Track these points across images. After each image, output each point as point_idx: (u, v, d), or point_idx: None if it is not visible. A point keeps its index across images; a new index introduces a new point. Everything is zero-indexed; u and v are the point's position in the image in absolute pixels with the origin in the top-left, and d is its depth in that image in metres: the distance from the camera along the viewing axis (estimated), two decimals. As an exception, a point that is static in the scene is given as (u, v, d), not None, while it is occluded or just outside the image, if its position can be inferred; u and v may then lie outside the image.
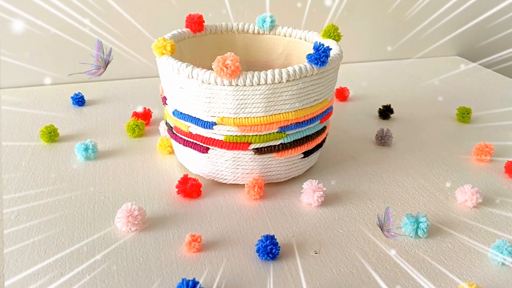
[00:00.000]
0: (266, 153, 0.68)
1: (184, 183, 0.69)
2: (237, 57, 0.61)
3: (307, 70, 0.64)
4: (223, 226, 0.64)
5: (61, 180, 0.72)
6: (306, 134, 0.70)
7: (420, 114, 0.97)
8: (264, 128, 0.66)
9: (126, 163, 0.77)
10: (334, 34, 0.77)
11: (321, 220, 0.65)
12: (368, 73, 1.20)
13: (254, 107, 0.64)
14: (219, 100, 0.64)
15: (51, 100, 0.98)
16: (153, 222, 0.64)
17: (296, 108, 0.66)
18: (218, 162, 0.69)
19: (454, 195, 0.71)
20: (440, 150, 0.83)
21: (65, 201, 0.67)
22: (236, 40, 0.85)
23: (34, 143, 0.82)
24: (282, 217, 0.66)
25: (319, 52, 0.64)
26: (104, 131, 0.87)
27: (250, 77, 0.62)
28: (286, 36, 0.83)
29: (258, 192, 0.68)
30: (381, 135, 0.85)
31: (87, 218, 0.64)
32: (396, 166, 0.79)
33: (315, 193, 0.67)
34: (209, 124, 0.66)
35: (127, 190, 0.70)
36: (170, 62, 0.66)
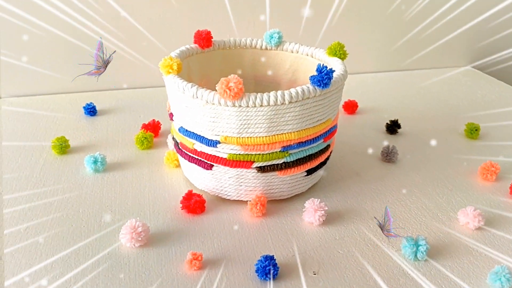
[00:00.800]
0: (269, 171, 0.69)
1: (188, 199, 0.70)
2: (240, 79, 0.63)
3: (309, 91, 0.65)
4: (225, 243, 0.65)
5: (70, 191, 0.74)
6: (309, 153, 0.70)
7: (427, 129, 0.97)
8: (267, 148, 0.67)
9: (133, 176, 0.79)
10: (340, 52, 0.77)
11: (322, 240, 0.66)
12: (377, 84, 1.20)
13: (257, 127, 0.65)
14: (223, 120, 0.65)
15: (64, 109, 1.01)
16: (156, 238, 0.65)
17: (298, 128, 0.67)
18: (222, 179, 0.71)
19: (456, 216, 0.71)
20: (446, 168, 0.83)
21: (73, 214, 0.69)
22: (244, 55, 0.86)
23: (46, 154, 0.84)
24: (283, 236, 0.67)
25: (322, 74, 0.64)
26: (114, 142, 0.89)
27: (253, 98, 0.63)
28: (293, 52, 0.84)
29: (260, 209, 0.69)
30: (386, 151, 0.85)
31: (93, 232, 0.66)
32: (400, 184, 0.79)
33: (316, 212, 0.68)
34: (213, 143, 0.68)
35: (133, 204, 0.72)
36: (176, 81, 0.67)
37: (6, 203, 0.71)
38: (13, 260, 0.61)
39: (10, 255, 0.61)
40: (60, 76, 1.07)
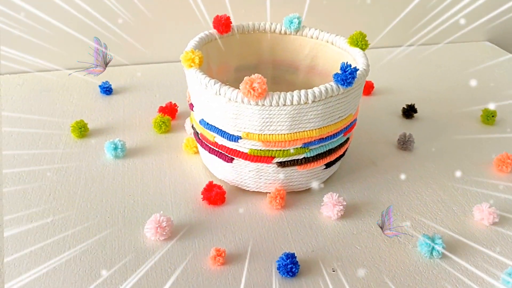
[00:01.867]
0: (289, 166, 0.70)
1: (209, 191, 0.72)
2: (264, 79, 0.62)
3: (333, 90, 0.65)
4: (246, 237, 0.67)
5: (93, 180, 0.76)
6: (329, 147, 0.71)
7: (444, 113, 0.97)
8: (288, 144, 0.67)
9: (153, 163, 0.80)
10: (362, 43, 0.76)
11: (340, 235, 0.68)
12: (393, 61, 1.18)
13: (279, 125, 0.66)
14: (245, 117, 0.65)
15: (80, 87, 1.00)
16: (180, 230, 0.67)
17: (320, 125, 0.67)
18: (242, 172, 0.72)
19: (471, 212, 0.72)
20: (462, 158, 0.84)
21: (97, 205, 0.71)
22: (263, 39, 0.85)
23: (66, 138, 0.85)
24: (303, 230, 0.69)
25: (346, 73, 0.64)
26: (132, 125, 0.90)
27: (277, 98, 0.63)
28: (313, 38, 0.83)
29: (280, 202, 0.71)
30: (403, 140, 0.85)
31: (118, 223, 0.68)
32: (416, 175, 0.80)
33: (335, 207, 0.69)
34: (235, 138, 0.68)
35: (154, 194, 0.74)
36: (199, 76, 0.67)
37: (31, 192, 0.72)
38: (43, 253, 0.63)
39: (40, 249, 0.63)
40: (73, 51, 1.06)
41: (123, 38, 1.07)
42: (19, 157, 0.79)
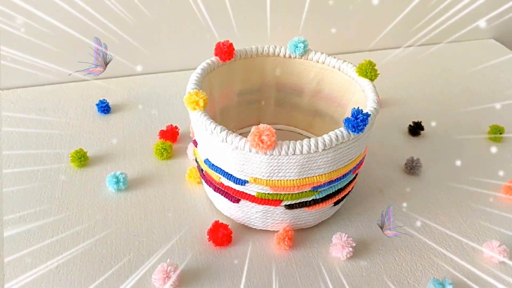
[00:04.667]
0: (298, 208, 0.69)
1: (216, 231, 0.70)
2: (273, 130, 0.60)
3: (343, 137, 0.62)
4: (254, 282, 0.66)
5: (95, 219, 0.74)
6: (338, 187, 0.69)
7: (450, 127, 0.95)
8: (296, 189, 0.66)
9: (156, 195, 0.78)
10: (371, 73, 0.73)
11: (349, 278, 0.67)
12: (396, 64, 1.15)
13: (288, 172, 0.64)
14: (253, 164, 0.63)
15: (76, 106, 0.97)
16: (187, 275, 0.66)
17: (330, 170, 0.65)
18: (249, 212, 0.70)
19: (481, 248, 0.72)
20: (470, 183, 0.83)
21: (101, 245, 0.69)
22: (266, 63, 0.82)
23: (65, 167, 0.83)
24: (312, 273, 0.68)
25: (358, 121, 0.62)
26: (132, 151, 0.87)
27: (286, 148, 0.61)
28: (318, 62, 0.80)
29: (288, 244, 0.70)
30: (410, 165, 0.84)
31: (124, 271, 0.67)
32: (424, 204, 0.79)
33: (344, 250, 0.68)
34: (242, 182, 0.66)
35: (159, 234, 0.72)
36: (204, 121, 0.64)
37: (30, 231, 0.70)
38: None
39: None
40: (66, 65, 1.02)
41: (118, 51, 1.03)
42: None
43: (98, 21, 0.97)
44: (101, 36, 0.96)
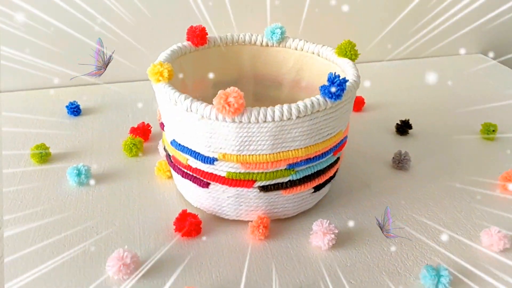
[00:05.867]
0: (273, 190, 0.62)
1: (183, 221, 0.63)
2: (241, 93, 0.55)
3: (319, 104, 0.57)
4: (224, 274, 0.58)
5: (52, 211, 0.67)
6: (317, 169, 0.63)
7: (440, 128, 0.90)
8: (270, 166, 0.60)
9: (121, 189, 0.72)
10: (351, 52, 0.69)
11: (332, 268, 0.60)
12: (384, 75, 1.12)
13: (260, 145, 0.58)
14: (221, 136, 0.58)
15: (45, 109, 0.92)
16: (148, 267, 0.59)
17: (306, 144, 0.59)
18: (220, 198, 0.64)
19: (478, 236, 0.65)
20: (463, 176, 0.77)
21: (55, 241, 0.62)
22: (243, 52, 0.78)
23: (25, 163, 0.76)
24: (289, 263, 0.60)
25: (334, 85, 0.56)
26: (100, 148, 0.81)
27: (256, 114, 0.55)
28: (297, 49, 0.76)
29: (263, 232, 0.62)
30: (398, 158, 0.78)
31: (78, 262, 0.59)
32: (414, 197, 0.72)
33: (325, 236, 0.61)
34: (210, 160, 0.60)
35: (121, 225, 0.65)
36: (168, 91, 0.59)
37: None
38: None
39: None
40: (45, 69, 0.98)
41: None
42: None
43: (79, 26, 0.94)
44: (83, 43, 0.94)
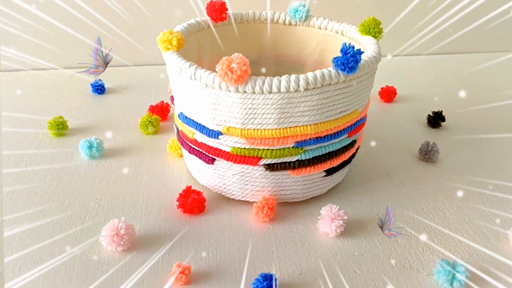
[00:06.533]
0: (280, 170, 0.58)
1: (186, 197, 0.61)
2: (246, 59, 0.52)
3: (331, 77, 0.53)
4: (222, 253, 0.55)
5: (59, 180, 0.66)
6: (329, 150, 0.59)
7: (476, 123, 0.83)
8: (276, 142, 0.56)
9: (132, 164, 0.70)
10: (375, 30, 0.65)
11: (338, 255, 0.55)
12: (421, 69, 1.05)
13: (265, 118, 0.54)
14: (225, 107, 0.55)
15: (72, 86, 0.93)
16: (144, 241, 0.57)
17: (316, 121, 0.55)
18: (225, 176, 0.61)
19: (506, 235, 0.58)
20: (496, 172, 0.70)
21: (57, 207, 0.61)
22: (264, 31, 0.75)
23: (42, 135, 0.77)
24: (292, 248, 0.56)
25: (347, 56, 0.52)
26: (118, 124, 0.80)
27: (260, 83, 0.52)
28: (321, 28, 0.72)
29: (267, 214, 0.59)
30: (425, 149, 0.72)
31: (74, 229, 0.58)
32: (440, 189, 0.67)
33: (333, 222, 0.57)
34: (215, 134, 0.57)
35: (125, 198, 0.63)
36: (174, 59, 0.57)
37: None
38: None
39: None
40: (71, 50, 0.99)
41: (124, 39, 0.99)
42: None
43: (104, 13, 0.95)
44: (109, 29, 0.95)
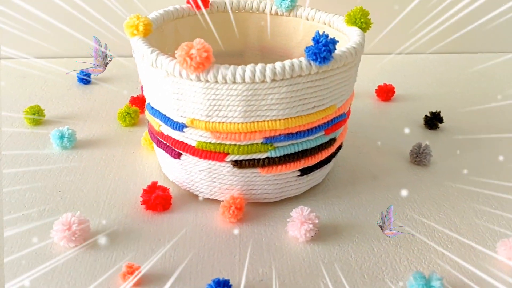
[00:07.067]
0: (248, 167, 0.54)
1: (150, 193, 0.57)
2: (208, 46, 0.48)
3: (301, 68, 0.49)
4: (180, 255, 0.51)
5: (23, 173, 0.63)
6: (302, 148, 0.55)
7: (475, 126, 0.77)
8: (243, 137, 0.52)
9: (103, 157, 0.67)
10: (361, 20, 0.60)
11: (305, 262, 0.51)
12: (422, 68, 1.00)
13: (230, 111, 0.50)
14: (188, 98, 0.51)
15: (57, 75, 0.90)
16: (99, 238, 0.53)
17: (286, 115, 0.51)
18: (192, 172, 0.57)
19: (495, 248, 0.53)
20: (492, 179, 0.64)
21: (17, 199, 0.58)
22: (249, 21, 0.71)
23: (18, 124, 0.74)
24: (257, 252, 0.52)
25: (319, 45, 0.48)
26: (97, 115, 0.78)
27: (223, 72, 0.48)
28: (308, 19, 0.68)
29: (234, 214, 0.55)
30: (416, 151, 0.67)
31: (30, 222, 0.55)
32: (428, 195, 0.62)
33: (303, 226, 0.52)
34: (179, 126, 0.54)
35: (89, 192, 0.60)
36: (138, 44, 0.54)
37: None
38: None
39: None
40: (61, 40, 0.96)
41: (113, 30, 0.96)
42: None
43: None
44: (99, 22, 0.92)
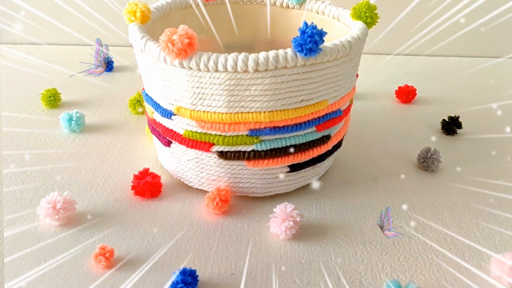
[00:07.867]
0: (234, 159, 0.53)
1: (140, 179, 0.57)
2: (192, 32, 0.47)
3: (286, 59, 0.47)
4: (158, 242, 0.51)
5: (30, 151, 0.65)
6: (290, 143, 0.53)
7: (500, 136, 0.72)
8: (228, 128, 0.51)
9: (107, 142, 0.68)
10: (366, 14, 0.57)
11: (282, 260, 0.49)
12: (448, 70, 0.94)
13: (214, 100, 0.50)
14: (175, 85, 0.51)
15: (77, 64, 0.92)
16: (84, 219, 0.54)
17: (271, 108, 0.50)
18: (182, 160, 0.57)
19: (487, 264, 0.49)
20: (501, 191, 0.60)
21: (16, 176, 0.60)
22: (260, 14, 0.70)
23: (35, 106, 0.77)
24: (235, 245, 0.51)
25: (304, 36, 0.46)
26: (110, 102, 0.79)
27: (205, 60, 0.47)
28: (319, 13, 0.66)
29: (218, 206, 0.54)
30: (424, 156, 0.64)
31: (24, 201, 0.57)
32: (429, 202, 0.58)
33: (284, 223, 0.51)
34: (168, 113, 0.54)
35: (86, 174, 0.61)
36: (133, 30, 0.54)
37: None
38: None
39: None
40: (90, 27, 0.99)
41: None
42: None
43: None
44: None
